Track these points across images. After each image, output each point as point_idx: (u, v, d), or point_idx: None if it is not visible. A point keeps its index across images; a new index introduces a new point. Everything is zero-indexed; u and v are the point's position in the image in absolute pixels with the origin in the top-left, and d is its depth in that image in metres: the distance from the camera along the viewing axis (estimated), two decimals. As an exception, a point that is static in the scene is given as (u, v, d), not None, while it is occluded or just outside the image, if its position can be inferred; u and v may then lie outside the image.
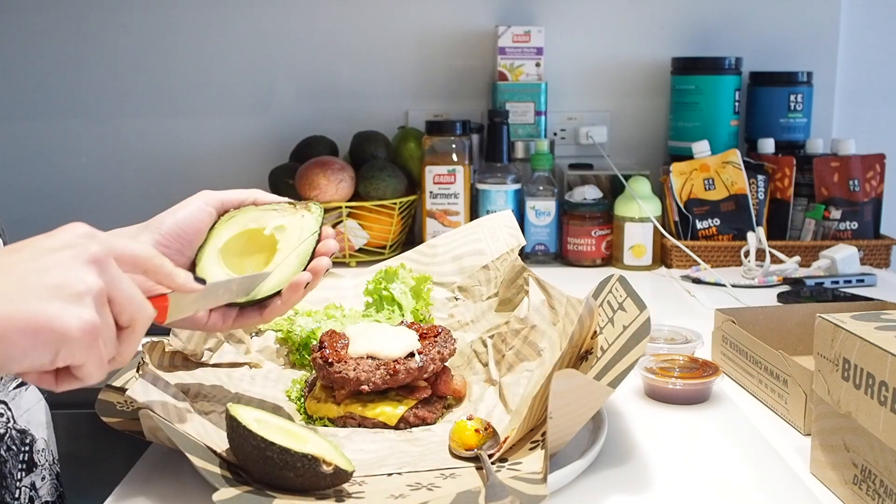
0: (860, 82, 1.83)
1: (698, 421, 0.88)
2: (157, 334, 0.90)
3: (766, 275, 1.46)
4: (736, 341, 0.99)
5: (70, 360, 0.56)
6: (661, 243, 1.59)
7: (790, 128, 1.71)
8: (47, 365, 0.56)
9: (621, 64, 1.81)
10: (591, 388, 0.69)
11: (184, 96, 1.81)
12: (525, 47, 1.71)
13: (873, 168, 1.61)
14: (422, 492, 0.68)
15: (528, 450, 0.74)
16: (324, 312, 1.02)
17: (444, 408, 0.88)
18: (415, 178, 1.66)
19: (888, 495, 0.65)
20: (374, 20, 1.79)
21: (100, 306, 0.57)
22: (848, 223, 1.60)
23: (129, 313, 0.59)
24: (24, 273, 0.55)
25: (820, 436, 0.75)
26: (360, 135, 1.68)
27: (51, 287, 0.55)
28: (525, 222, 1.60)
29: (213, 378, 0.89)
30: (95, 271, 0.57)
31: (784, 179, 1.62)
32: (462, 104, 1.82)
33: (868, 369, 0.66)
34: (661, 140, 1.84)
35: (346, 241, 1.55)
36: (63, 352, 0.55)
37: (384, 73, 1.81)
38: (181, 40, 1.80)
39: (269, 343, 0.99)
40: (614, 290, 0.83)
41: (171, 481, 0.74)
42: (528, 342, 0.90)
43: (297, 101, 1.82)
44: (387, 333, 0.88)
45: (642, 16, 1.79)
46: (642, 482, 0.75)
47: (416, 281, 1.05)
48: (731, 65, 1.69)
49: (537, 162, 1.61)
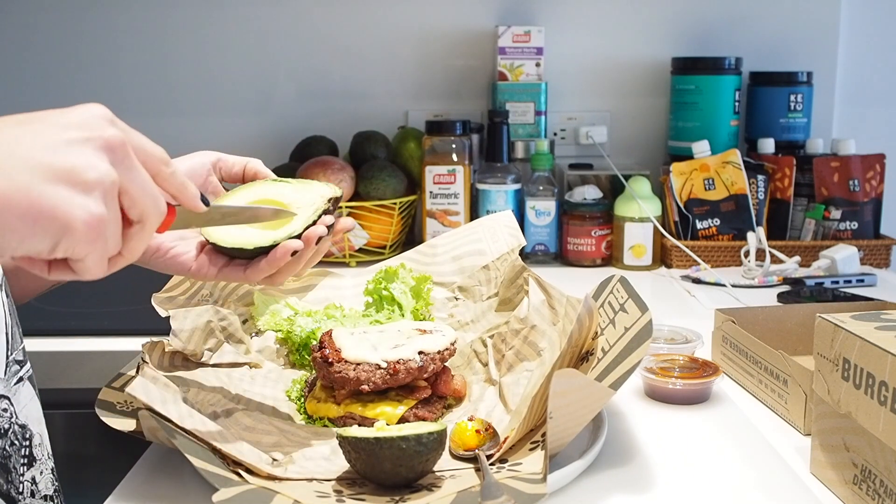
0: (860, 82, 1.83)
1: (698, 421, 0.88)
2: (157, 334, 0.90)
3: (766, 275, 1.46)
4: (736, 341, 0.99)
5: (70, 252, 0.52)
6: (661, 243, 1.59)
7: (790, 128, 1.71)
8: (44, 254, 0.51)
9: (621, 64, 1.81)
10: (592, 389, 0.69)
11: (184, 96, 1.81)
12: (525, 47, 1.71)
13: (873, 168, 1.61)
14: (422, 492, 0.68)
15: (528, 450, 0.74)
16: (324, 312, 1.02)
17: (444, 408, 0.88)
18: (415, 178, 1.66)
19: (888, 495, 0.65)
20: (374, 20, 1.79)
21: (109, 198, 0.52)
22: (848, 223, 1.60)
23: (140, 208, 0.55)
24: (32, 149, 0.50)
25: (820, 436, 0.75)
26: (360, 135, 1.68)
27: (59, 170, 0.50)
28: (525, 222, 1.60)
29: (213, 378, 0.89)
30: (109, 159, 0.52)
31: (784, 179, 1.62)
32: (462, 104, 1.82)
33: (868, 369, 0.66)
34: (661, 140, 1.83)
35: (347, 241, 1.55)
36: (63, 243, 0.51)
37: (384, 73, 1.81)
38: (181, 40, 1.80)
39: (269, 343, 0.99)
40: (615, 292, 0.83)
41: (171, 481, 0.74)
42: (528, 342, 0.90)
43: (297, 101, 1.82)
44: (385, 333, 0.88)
45: (642, 16, 1.79)
46: (642, 482, 0.75)
47: (416, 281, 1.05)
48: (731, 65, 1.69)
49: (537, 162, 1.61)
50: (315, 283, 1.10)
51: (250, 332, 1.00)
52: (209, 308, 0.94)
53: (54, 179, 0.50)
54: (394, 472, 0.67)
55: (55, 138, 0.51)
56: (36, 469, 0.76)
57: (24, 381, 0.76)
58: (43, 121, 0.52)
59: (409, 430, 0.68)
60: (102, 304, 1.32)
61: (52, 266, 0.54)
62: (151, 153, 0.57)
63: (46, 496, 0.77)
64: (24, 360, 0.77)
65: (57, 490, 0.79)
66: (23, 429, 0.74)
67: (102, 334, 1.21)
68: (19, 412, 0.75)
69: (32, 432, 0.76)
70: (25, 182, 0.49)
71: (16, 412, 0.74)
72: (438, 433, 0.68)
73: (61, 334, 1.20)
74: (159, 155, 0.57)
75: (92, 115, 0.53)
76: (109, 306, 1.32)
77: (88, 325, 1.24)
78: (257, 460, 0.70)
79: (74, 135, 0.51)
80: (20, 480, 0.73)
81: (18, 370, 0.76)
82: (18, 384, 0.76)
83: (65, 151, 0.51)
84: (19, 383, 0.76)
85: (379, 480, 0.69)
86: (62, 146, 0.51)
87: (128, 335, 1.19)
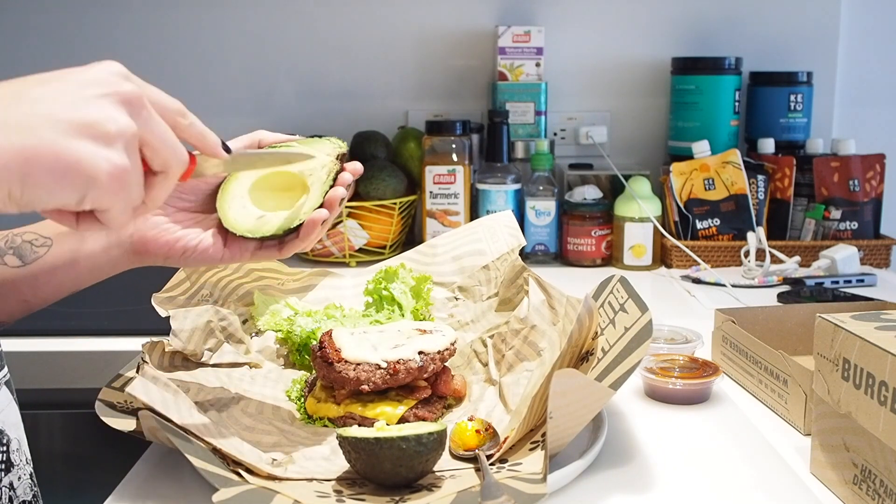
0: (860, 82, 1.83)
1: (698, 421, 0.88)
2: (157, 334, 0.90)
3: (766, 275, 1.46)
4: (736, 341, 0.99)
5: (97, 203, 0.54)
6: (661, 243, 1.59)
7: (790, 128, 1.71)
8: (72, 206, 0.54)
9: (621, 64, 1.81)
10: (592, 389, 0.69)
11: (183, 96, 1.78)
12: (525, 47, 1.71)
13: (873, 168, 1.61)
14: (422, 492, 0.68)
15: (528, 450, 0.74)
16: (324, 312, 1.02)
17: (444, 408, 0.88)
18: (415, 178, 1.66)
19: (888, 495, 0.65)
20: (374, 20, 1.79)
21: (130, 149, 0.55)
22: (848, 223, 1.60)
23: (162, 157, 0.57)
24: (54, 107, 0.52)
25: (820, 436, 0.75)
26: (360, 135, 1.68)
27: (81, 124, 0.52)
28: (525, 222, 1.60)
29: (213, 378, 0.89)
30: (127, 112, 0.55)
31: (784, 179, 1.62)
32: (462, 104, 1.82)
33: (868, 369, 0.66)
34: (661, 140, 1.83)
35: (347, 241, 1.55)
36: (90, 195, 0.53)
37: (384, 73, 1.81)
38: (181, 40, 1.80)
39: (269, 343, 0.99)
40: (615, 292, 0.83)
41: (171, 481, 0.74)
42: (528, 342, 0.90)
43: (297, 101, 1.82)
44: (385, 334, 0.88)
45: (642, 16, 1.79)
46: (642, 482, 0.75)
47: (416, 281, 1.05)
48: (731, 65, 1.69)
49: (537, 162, 1.61)
50: (315, 283, 1.10)
51: (250, 332, 1.00)
52: (209, 308, 0.94)
53: (77, 134, 0.52)
54: (394, 472, 0.67)
55: (75, 95, 0.53)
56: (14, 474, 0.75)
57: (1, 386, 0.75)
58: (62, 79, 0.54)
59: (409, 430, 0.68)
60: (102, 304, 1.32)
61: (80, 218, 0.57)
62: (168, 106, 0.60)
63: (25, 501, 0.77)
64: (2, 365, 0.76)
65: (35, 496, 0.79)
66: (0, 434, 0.74)
67: (102, 334, 1.21)
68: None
69: (10, 437, 0.75)
70: (51, 138, 0.51)
71: None
72: (438, 433, 0.68)
73: (61, 334, 1.20)
74: (176, 107, 0.60)
75: (109, 71, 0.56)
76: (109, 306, 1.32)
77: (88, 325, 1.24)
78: (257, 460, 0.70)
79: (93, 91, 0.54)
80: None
81: None
82: None
83: (85, 107, 0.53)
84: None
85: (379, 480, 0.69)
86: (82, 102, 0.53)
87: (128, 335, 1.19)
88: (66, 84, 0.54)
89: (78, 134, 0.52)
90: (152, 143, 0.57)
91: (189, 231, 0.79)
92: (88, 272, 0.82)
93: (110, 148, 0.53)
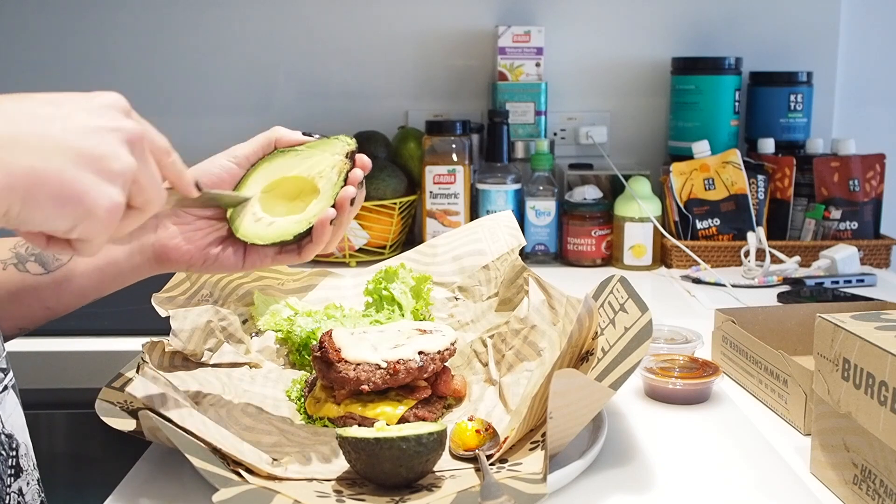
0: (860, 82, 1.83)
1: (698, 421, 0.88)
2: (157, 334, 0.90)
3: (766, 275, 1.46)
4: (736, 341, 0.99)
5: (85, 234, 0.54)
6: (661, 243, 1.59)
7: (790, 128, 1.71)
8: (60, 233, 0.54)
9: (621, 64, 1.81)
10: (592, 389, 0.69)
11: (184, 96, 1.81)
12: (525, 47, 1.71)
13: (873, 168, 1.61)
14: (422, 492, 0.68)
15: (528, 450, 0.74)
16: (324, 312, 1.02)
17: (444, 408, 0.88)
18: (415, 178, 1.66)
19: (888, 495, 0.65)
20: (374, 20, 1.79)
21: (126, 188, 0.55)
22: (848, 223, 1.60)
23: (146, 196, 0.58)
24: (64, 132, 0.52)
25: (820, 436, 0.75)
26: (360, 135, 1.68)
27: (90, 157, 0.52)
28: (525, 222, 1.60)
29: (213, 378, 0.89)
30: (130, 151, 0.55)
31: (784, 179, 1.62)
32: (462, 104, 1.82)
33: (868, 369, 0.66)
34: (661, 140, 1.84)
35: (346, 241, 1.55)
36: (82, 226, 0.53)
37: (384, 73, 1.81)
38: (181, 40, 1.80)
39: (269, 343, 0.99)
40: (615, 292, 0.83)
41: (171, 481, 0.74)
42: (528, 342, 0.90)
43: (297, 101, 1.82)
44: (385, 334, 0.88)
45: (642, 16, 1.79)
46: (642, 482, 0.75)
47: (416, 281, 1.05)
48: (731, 65, 1.69)
49: (537, 162, 1.61)
50: (315, 283, 1.10)
51: (250, 332, 1.00)
52: (209, 308, 0.94)
53: (84, 165, 0.52)
54: (394, 472, 0.67)
55: (84, 124, 0.53)
56: (23, 480, 0.75)
57: (8, 390, 0.75)
58: (70, 103, 0.54)
59: (409, 430, 0.68)
60: (102, 304, 1.31)
61: (51, 241, 0.57)
62: (158, 145, 0.60)
63: None
64: (8, 369, 0.76)
65: (42, 502, 0.79)
66: (9, 438, 0.74)
67: (102, 334, 1.21)
68: (5, 421, 0.74)
69: (18, 442, 0.75)
70: (59, 165, 0.51)
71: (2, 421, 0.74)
72: (438, 433, 0.68)
73: (61, 334, 1.20)
74: (164, 146, 0.61)
75: (115, 105, 0.56)
76: (109, 306, 1.31)
77: (88, 325, 1.23)
78: (257, 460, 0.70)
79: (101, 123, 0.54)
80: (7, 492, 0.73)
81: (3, 378, 0.75)
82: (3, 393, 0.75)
83: (95, 138, 0.53)
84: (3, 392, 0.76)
85: (379, 480, 0.69)
86: (92, 133, 0.53)
87: (128, 335, 1.19)
88: (75, 110, 0.54)
89: (86, 165, 0.52)
90: (143, 182, 0.57)
91: (210, 238, 0.80)
92: (111, 279, 0.83)
93: (112, 184, 0.54)
